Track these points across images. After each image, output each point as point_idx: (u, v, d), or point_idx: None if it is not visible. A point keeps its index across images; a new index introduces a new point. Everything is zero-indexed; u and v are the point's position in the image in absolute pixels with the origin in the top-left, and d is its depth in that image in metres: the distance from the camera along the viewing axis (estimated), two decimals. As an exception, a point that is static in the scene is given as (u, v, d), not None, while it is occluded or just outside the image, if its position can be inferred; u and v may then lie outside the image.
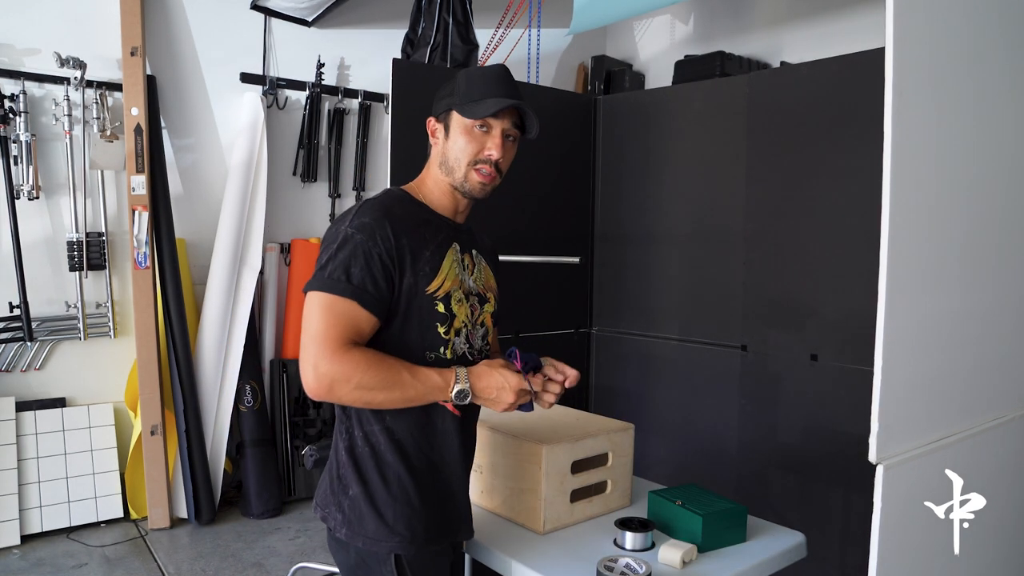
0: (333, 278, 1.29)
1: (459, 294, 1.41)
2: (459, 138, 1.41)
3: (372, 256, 1.30)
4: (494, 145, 1.40)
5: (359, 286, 1.29)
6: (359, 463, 1.38)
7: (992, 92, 1.46)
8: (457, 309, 1.41)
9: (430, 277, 1.37)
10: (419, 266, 1.36)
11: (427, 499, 1.39)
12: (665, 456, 3.37)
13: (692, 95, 3.31)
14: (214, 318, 3.58)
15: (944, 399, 1.40)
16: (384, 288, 1.32)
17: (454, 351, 1.40)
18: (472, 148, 1.40)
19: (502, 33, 4.13)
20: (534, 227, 3.48)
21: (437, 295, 1.38)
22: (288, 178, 3.99)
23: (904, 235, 1.23)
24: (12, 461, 3.20)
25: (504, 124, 1.41)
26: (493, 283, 1.55)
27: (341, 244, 1.32)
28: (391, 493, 1.36)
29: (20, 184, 3.24)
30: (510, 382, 1.34)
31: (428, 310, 1.37)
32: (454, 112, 1.41)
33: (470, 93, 1.40)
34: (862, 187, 2.64)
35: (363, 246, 1.31)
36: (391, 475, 1.37)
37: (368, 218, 1.33)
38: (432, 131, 1.47)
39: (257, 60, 3.86)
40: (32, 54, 3.30)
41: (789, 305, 2.96)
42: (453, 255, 1.42)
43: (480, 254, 1.53)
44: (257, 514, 3.56)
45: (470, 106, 1.39)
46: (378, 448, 1.38)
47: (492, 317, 1.52)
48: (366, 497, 1.36)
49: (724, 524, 1.57)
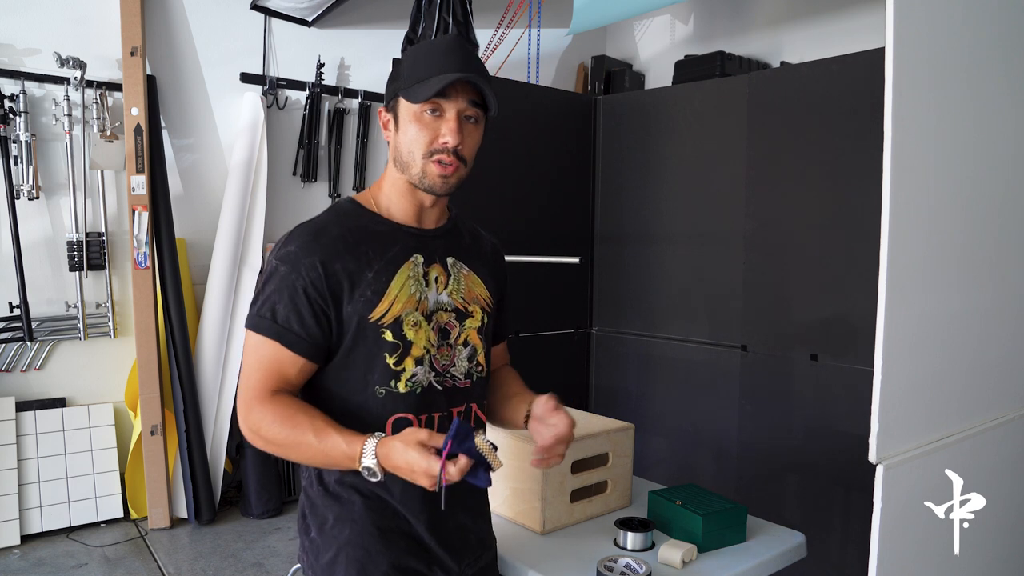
0: (260, 315, 1.18)
1: (414, 316, 1.22)
2: (409, 127, 1.20)
3: (296, 291, 1.16)
4: (449, 130, 1.18)
5: (283, 325, 1.16)
6: (314, 502, 1.26)
7: (992, 92, 1.46)
8: (413, 335, 1.22)
9: (373, 302, 1.19)
10: (359, 292, 1.19)
11: (389, 543, 1.23)
12: (665, 456, 3.37)
13: (692, 95, 3.31)
14: (214, 318, 3.58)
15: (944, 399, 1.40)
16: (313, 326, 1.17)
17: (412, 383, 1.22)
18: (424, 137, 1.19)
19: (502, 33, 4.13)
20: (534, 227, 3.48)
21: (383, 322, 1.19)
22: (288, 178, 3.99)
23: (904, 235, 1.23)
24: (12, 461, 3.20)
25: (459, 104, 1.19)
26: (482, 291, 1.35)
27: (268, 277, 1.19)
28: (343, 536, 1.23)
29: (20, 184, 3.24)
30: (416, 467, 1.06)
31: (374, 340, 1.19)
32: (400, 98, 1.21)
33: (415, 73, 1.19)
34: (862, 187, 2.64)
35: (287, 280, 1.17)
36: (344, 515, 1.23)
37: (294, 246, 1.18)
38: (384, 124, 1.27)
39: (257, 60, 3.86)
40: (32, 54, 3.30)
41: (789, 305, 2.96)
42: (408, 271, 1.24)
43: (462, 261, 1.33)
44: (257, 514, 3.56)
45: (415, 88, 1.18)
46: (329, 487, 1.24)
47: (480, 333, 1.32)
48: (321, 540, 1.25)
49: (724, 524, 1.57)
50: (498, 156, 3.32)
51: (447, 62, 1.18)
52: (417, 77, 1.18)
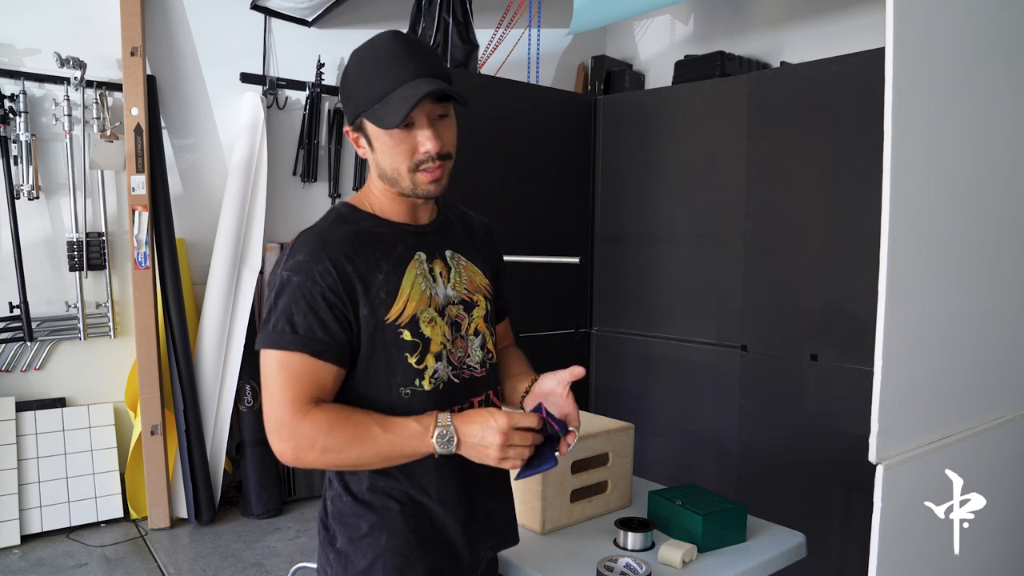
0: (277, 331, 1.14)
1: (429, 313, 1.22)
2: (383, 146, 1.18)
3: (315, 298, 1.14)
4: (426, 138, 1.16)
5: (306, 335, 1.13)
6: (343, 512, 1.24)
7: (992, 92, 1.46)
8: (430, 331, 1.21)
9: (388, 303, 1.18)
10: (373, 293, 1.17)
11: (426, 548, 1.23)
12: (665, 456, 3.37)
13: (692, 95, 3.32)
14: (214, 318, 3.58)
15: (944, 399, 1.40)
16: (337, 331, 1.15)
17: (435, 380, 1.22)
18: (403, 152, 1.17)
19: (502, 33, 4.13)
20: (534, 227, 3.48)
21: (400, 322, 1.19)
22: (288, 178, 3.99)
23: (904, 235, 1.23)
24: (12, 461, 3.20)
25: (426, 109, 1.15)
26: (481, 280, 1.34)
27: (280, 291, 1.16)
28: (379, 544, 1.21)
29: (20, 184, 3.24)
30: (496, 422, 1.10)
31: (393, 341, 1.18)
32: (364, 119, 1.18)
33: (369, 91, 1.15)
34: (862, 187, 2.64)
35: (302, 288, 1.14)
36: (378, 523, 1.22)
37: (302, 254, 1.17)
38: (355, 142, 1.24)
39: (257, 60, 3.86)
40: (32, 54, 3.30)
41: (789, 305, 2.96)
42: (416, 269, 1.23)
43: (458, 252, 1.32)
44: (257, 514, 3.56)
45: (378, 110, 1.14)
46: (361, 496, 1.23)
47: (487, 320, 1.33)
48: (353, 550, 1.22)
49: (724, 524, 1.57)
50: (498, 156, 3.32)
51: (400, 70, 1.14)
52: (374, 97, 1.14)
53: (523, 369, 1.39)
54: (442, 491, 1.24)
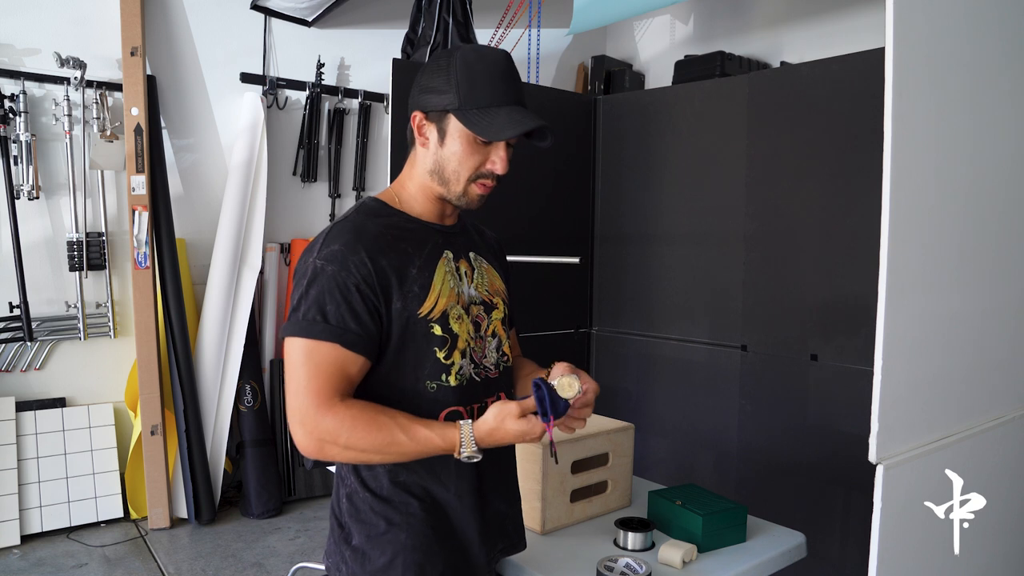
0: (308, 319, 1.13)
1: (457, 310, 1.24)
2: (458, 147, 1.21)
3: (348, 288, 1.14)
4: (500, 159, 1.22)
5: (338, 325, 1.13)
6: (360, 508, 1.24)
7: (992, 92, 1.46)
8: (458, 328, 1.23)
9: (421, 297, 1.19)
10: (406, 287, 1.18)
11: (444, 545, 1.25)
12: (665, 456, 3.37)
13: (692, 95, 3.32)
14: (214, 318, 3.58)
15: (944, 399, 1.40)
16: (369, 323, 1.15)
17: (460, 376, 1.23)
18: (474, 161, 1.21)
19: (502, 33, 4.13)
20: (534, 227, 3.48)
21: (432, 316, 1.20)
22: (288, 178, 3.99)
23: (904, 235, 1.23)
24: (12, 461, 3.20)
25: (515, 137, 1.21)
26: (499, 284, 1.37)
27: (312, 279, 1.15)
28: (399, 541, 1.22)
29: (20, 184, 3.24)
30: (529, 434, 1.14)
31: (424, 335, 1.20)
32: (452, 116, 1.19)
33: (474, 96, 1.18)
34: (862, 187, 2.64)
35: (336, 278, 1.14)
36: (398, 520, 1.22)
37: (338, 244, 1.16)
38: (419, 129, 1.24)
39: (257, 60, 3.86)
40: (32, 54, 3.30)
41: (789, 305, 2.96)
42: (445, 266, 1.25)
43: (480, 255, 1.35)
44: (257, 514, 3.56)
45: (476, 116, 1.17)
46: (379, 493, 1.23)
47: (504, 324, 1.35)
48: (370, 547, 1.23)
49: (724, 524, 1.57)
50: (498, 156, 3.32)
51: (509, 91, 1.20)
52: (479, 103, 1.18)
53: (533, 369, 1.42)
54: (459, 485, 1.26)
